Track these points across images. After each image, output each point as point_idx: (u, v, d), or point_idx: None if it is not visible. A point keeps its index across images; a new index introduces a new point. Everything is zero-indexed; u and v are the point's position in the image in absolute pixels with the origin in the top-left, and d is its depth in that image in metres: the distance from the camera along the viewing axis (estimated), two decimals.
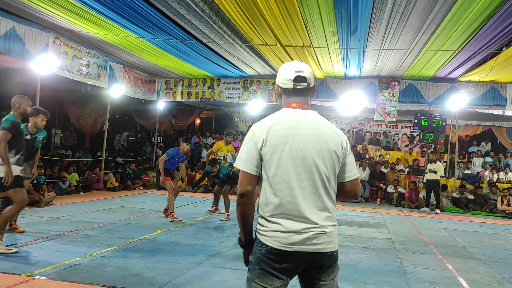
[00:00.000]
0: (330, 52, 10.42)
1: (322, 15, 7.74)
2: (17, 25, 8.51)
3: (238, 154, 2.04)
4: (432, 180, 11.97)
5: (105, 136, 13.57)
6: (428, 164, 12.31)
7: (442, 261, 6.00)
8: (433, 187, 12.05)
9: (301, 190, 1.94)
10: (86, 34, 9.75)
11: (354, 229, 8.16)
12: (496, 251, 6.97)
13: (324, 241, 1.95)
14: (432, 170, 11.92)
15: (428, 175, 12.05)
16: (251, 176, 1.97)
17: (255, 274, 1.94)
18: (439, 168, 11.95)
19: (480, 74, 11.25)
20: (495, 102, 12.65)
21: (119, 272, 4.48)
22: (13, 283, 3.92)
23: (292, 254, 1.91)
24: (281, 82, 2.12)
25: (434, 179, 11.94)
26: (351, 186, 2.11)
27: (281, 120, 2.01)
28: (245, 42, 9.75)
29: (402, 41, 9.07)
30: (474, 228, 9.56)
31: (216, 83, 14.60)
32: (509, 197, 12.05)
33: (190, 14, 7.96)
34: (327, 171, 1.99)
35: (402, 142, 17.24)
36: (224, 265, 4.92)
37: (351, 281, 4.68)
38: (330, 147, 2.00)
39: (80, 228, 6.62)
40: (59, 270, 4.42)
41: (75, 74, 10.53)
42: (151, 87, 14.82)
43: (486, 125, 17.01)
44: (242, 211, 1.99)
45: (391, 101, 13.26)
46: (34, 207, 8.47)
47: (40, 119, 5.99)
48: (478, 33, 8.27)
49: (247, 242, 2.05)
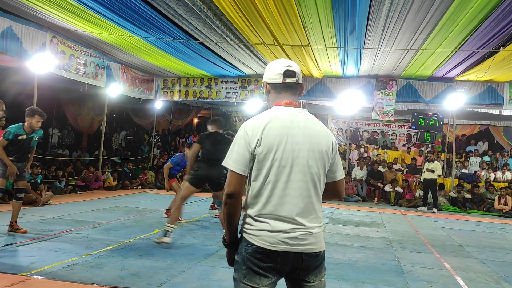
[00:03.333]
0: (328, 52, 10.43)
1: (320, 15, 7.74)
2: (14, 24, 8.48)
3: (228, 152, 1.99)
4: (429, 179, 12.00)
5: (103, 136, 13.54)
6: (425, 163, 12.33)
7: (439, 260, 6.02)
8: (431, 186, 12.08)
9: (291, 190, 1.93)
10: (83, 33, 9.72)
11: (352, 228, 8.18)
12: (493, 250, 7.00)
13: (311, 242, 1.94)
14: (430, 169, 11.94)
15: (425, 174, 12.08)
16: (240, 176, 1.94)
17: (242, 274, 1.92)
18: (436, 167, 11.98)
19: (477, 73, 11.27)
20: (492, 101, 12.68)
21: (116, 271, 4.47)
22: (10, 282, 3.91)
23: (279, 254, 1.90)
24: (269, 78, 2.10)
25: (431, 178, 11.97)
26: (339, 185, 2.12)
27: (274, 119, 1.98)
28: (243, 42, 9.74)
29: (400, 40, 9.08)
30: (471, 227, 9.59)
31: (213, 83, 14.59)
32: (506, 196, 12.10)
33: (188, 14, 7.95)
34: (319, 172, 1.98)
35: (399, 141, 17.29)
36: (222, 264, 4.92)
37: (349, 280, 4.69)
38: (322, 147, 2.00)
39: (77, 228, 6.61)
40: (57, 269, 4.41)
41: (73, 73, 10.50)
42: (149, 86, 14.79)
43: (483, 124, 17.07)
44: (229, 211, 1.97)
45: (389, 101, 13.28)
46: (31, 206, 8.45)
47: (36, 120, 5.90)
48: (475, 33, 8.29)
49: (231, 242, 2.04)
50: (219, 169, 5.51)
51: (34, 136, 6.04)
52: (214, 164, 5.55)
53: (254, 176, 1.96)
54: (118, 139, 18.24)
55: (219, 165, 5.38)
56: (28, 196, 8.66)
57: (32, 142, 6.07)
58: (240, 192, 1.95)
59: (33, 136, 6.02)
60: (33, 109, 6.01)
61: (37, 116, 5.90)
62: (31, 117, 5.88)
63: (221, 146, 5.59)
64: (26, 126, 5.92)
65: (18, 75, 10.54)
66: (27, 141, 5.96)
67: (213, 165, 5.57)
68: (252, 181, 1.97)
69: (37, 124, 5.93)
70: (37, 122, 5.92)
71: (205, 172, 5.61)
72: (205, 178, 5.69)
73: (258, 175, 1.95)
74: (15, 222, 6.01)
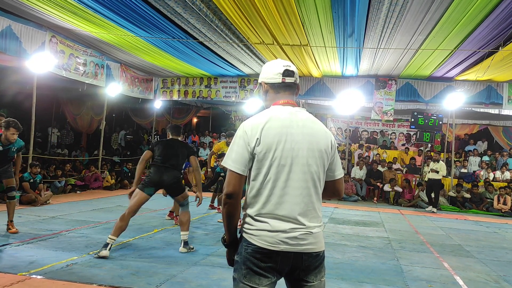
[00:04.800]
0: (327, 51, 10.43)
1: (319, 14, 7.74)
2: (13, 23, 8.47)
3: (227, 152, 1.99)
4: (433, 180, 11.92)
5: (102, 135, 13.54)
6: (430, 163, 12.25)
7: (438, 259, 6.02)
8: (435, 187, 12.00)
9: (291, 190, 1.92)
10: (82, 32, 9.72)
11: (351, 228, 8.18)
12: (493, 250, 7.01)
13: (311, 242, 1.93)
14: (434, 169, 11.88)
15: (430, 175, 11.98)
16: (239, 176, 1.93)
17: (242, 274, 1.91)
18: (441, 167, 11.88)
19: (477, 73, 11.28)
20: (491, 101, 12.69)
21: (116, 271, 4.47)
22: (9, 282, 3.90)
23: (279, 254, 1.89)
24: (268, 78, 2.10)
25: (435, 179, 11.89)
26: (338, 184, 2.12)
27: (273, 118, 1.98)
28: (242, 41, 9.74)
29: (399, 40, 9.08)
30: (470, 226, 9.60)
31: (213, 82, 14.58)
32: (505, 196, 12.11)
33: (187, 13, 7.94)
34: (318, 171, 1.98)
35: (399, 141, 17.30)
36: (221, 264, 4.92)
37: (348, 279, 4.69)
38: (321, 146, 2.00)
39: (76, 227, 6.60)
40: (56, 269, 4.40)
41: (72, 73, 10.49)
42: (148, 86, 14.79)
43: (482, 124, 17.09)
44: (228, 211, 1.97)
45: (388, 100, 13.29)
46: (30, 206, 8.45)
47: (11, 132, 5.74)
48: (474, 33, 8.28)
49: (231, 242, 2.03)
50: (173, 173, 5.31)
51: (12, 148, 5.93)
52: (167, 168, 5.29)
53: (254, 176, 1.96)
54: (117, 139, 18.24)
55: (173, 169, 5.31)
56: (27, 195, 8.67)
57: (10, 153, 5.96)
58: (240, 192, 1.94)
59: (11, 148, 5.91)
60: (8, 122, 5.84)
61: (12, 129, 5.75)
62: (6, 129, 5.75)
63: (175, 150, 5.43)
64: (3, 138, 5.80)
65: (17, 74, 10.53)
66: (4, 152, 5.87)
67: (166, 169, 5.29)
68: (252, 180, 1.96)
69: (12, 136, 5.78)
70: (12, 135, 5.77)
71: (157, 177, 5.26)
72: (158, 183, 5.28)
73: (257, 174, 1.94)
74: (10, 222, 6.00)
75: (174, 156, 5.41)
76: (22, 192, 8.68)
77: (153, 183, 5.27)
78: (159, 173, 5.28)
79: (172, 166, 5.35)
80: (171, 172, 5.32)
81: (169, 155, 5.39)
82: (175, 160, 5.41)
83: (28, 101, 10.44)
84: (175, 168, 5.41)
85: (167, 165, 5.32)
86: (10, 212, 6.02)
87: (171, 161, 5.35)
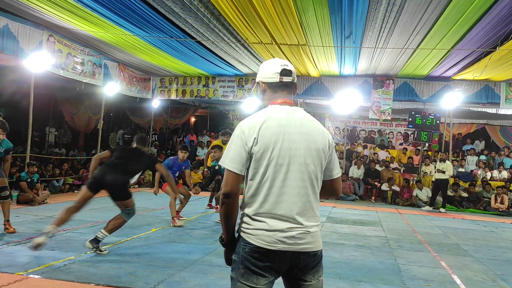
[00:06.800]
0: (325, 51, 10.44)
1: (316, 14, 7.75)
2: (10, 22, 8.45)
3: (225, 152, 1.98)
4: (440, 180, 11.90)
5: (100, 134, 13.51)
6: (437, 163, 12.25)
7: (436, 258, 6.04)
8: (442, 187, 11.98)
9: (288, 189, 1.92)
10: (80, 32, 9.70)
11: (349, 227, 8.19)
12: (490, 249, 7.03)
13: (308, 241, 1.93)
14: (441, 169, 11.86)
15: (436, 175, 11.97)
16: (237, 176, 1.93)
17: (240, 273, 1.91)
18: (448, 167, 11.87)
19: (474, 72, 11.30)
20: (488, 100, 12.73)
21: (113, 270, 4.47)
22: (6, 282, 3.89)
23: (276, 253, 1.89)
24: (265, 77, 2.10)
25: (442, 179, 11.88)
26: (336, 183, 2.12)
27: (271, 117, 1.98)
28: (240, 41, 9.74)
29: (397, 40, 9.10)
30: (467, 226, 9.62)
31: (211, 81, 14.58)
32: (502, 195, 12.14)
33: (185, 12, 7.94)
34: (316, 170, 1.98)
35: (396, 140, 17.33)
36: (219, 264, 4.92)
37: (346, 278, 4.70)
38: (319, 145, 2.00)
39: (74, 227, 6.59)
40: (53, 268, 4.40)
41: (70, 72, 10.47)
42: (146, 85, 14.77)
43: (479, 123, 17.13)
44: (226, 211, 1.97)
45: (386, 100, 13.31)
46: (28, 205, 8.43)
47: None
48: (472, 32, 8.31)
49: (229, 241, 2.04)
50: (119, 177, 5.14)
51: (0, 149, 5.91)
52: (115, 170, 5.12)
53: (251, 175, 1.96)
54: (115, 138, 18.20)
55: (121, 173, 5.14)
56: (24, 195, 8.66)
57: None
58: (237, 192, 1.94)
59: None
60: None
61: None
62: None
63: (132, 157, 5.34)
64: None
65: (14, 74, 10.50)
66: None
67: (114, 170, 5.12)
68: (249, 180, 1.97)
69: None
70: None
71: (101, 175, 5.09)
72: (100, 181, 5.08)
73: (255, 174, 1.94)
74: (7, 221, 5.99)
75: (129, 162, 5.28)
76: (19, 191, 8.66)
77: (96, 180, 5.10)
78: (104, 172, 5.12)
79: (122, 170, 5.17)
80: (117, 175, 5.11)
81: (124, 159, 5.26)
82: (129, 165, 5.27)
83: (26, 100, 10.42)
84: (125, 173, 5.23)
85: (116, 167, 5.16)
86: (6, 212, 6.00)
87: (123, 165, 5.19)
